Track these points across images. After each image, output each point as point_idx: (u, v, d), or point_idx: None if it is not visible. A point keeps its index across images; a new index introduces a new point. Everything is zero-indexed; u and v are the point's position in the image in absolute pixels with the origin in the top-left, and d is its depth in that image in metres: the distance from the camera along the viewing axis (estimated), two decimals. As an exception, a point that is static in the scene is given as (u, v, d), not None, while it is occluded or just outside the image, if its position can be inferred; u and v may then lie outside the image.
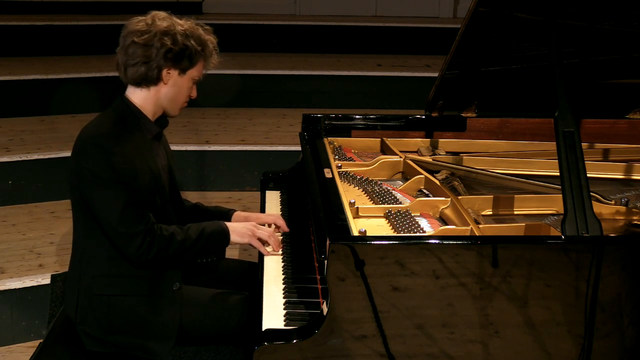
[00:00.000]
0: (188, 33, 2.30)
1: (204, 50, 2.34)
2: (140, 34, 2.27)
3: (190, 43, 2.29)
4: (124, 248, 2.24)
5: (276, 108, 5.24)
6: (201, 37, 2.34)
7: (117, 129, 2.27)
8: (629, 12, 2.67)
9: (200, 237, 2.34)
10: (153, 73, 2.29)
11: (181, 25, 2.31)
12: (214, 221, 2.44)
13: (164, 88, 2.33)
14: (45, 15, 5.84)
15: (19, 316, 3.26)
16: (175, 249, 2.28)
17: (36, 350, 2.30)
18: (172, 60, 2.29)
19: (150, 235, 2.24)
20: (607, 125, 3.08)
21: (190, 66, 2.33)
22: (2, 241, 3.59)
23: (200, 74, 2.39)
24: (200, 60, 2.35)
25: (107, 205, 2.22)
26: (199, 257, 2.46)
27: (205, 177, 4.44)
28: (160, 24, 2.29)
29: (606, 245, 1.93)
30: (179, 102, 2.38)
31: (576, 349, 1.96)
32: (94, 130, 2.28)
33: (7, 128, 4.60)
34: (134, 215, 2.22)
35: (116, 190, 2.21)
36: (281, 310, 2.12)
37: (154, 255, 2.25)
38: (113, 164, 2.20)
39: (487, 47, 2.84)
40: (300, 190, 2.89)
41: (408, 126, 3.09)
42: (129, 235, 2.22)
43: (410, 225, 2.21)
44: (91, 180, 2.21)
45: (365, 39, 6.02)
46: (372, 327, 1.91)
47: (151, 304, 2.30)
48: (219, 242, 2.40)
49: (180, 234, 2.31)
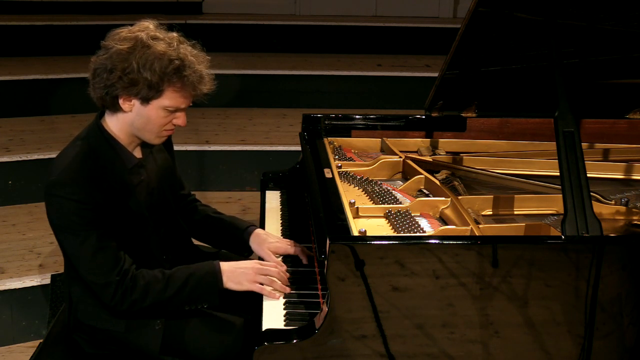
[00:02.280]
0: (148, 59, 2.01)
1: (169, 75, 2.03)
2: (101, 51, 2.08)
3: (149, 71, 2.01)
4: (99, 296, 2.11)
5: (276, 108, 5.24)
6: (166, 62, 2.02)
7: (87, 166, 2.08)
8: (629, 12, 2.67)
9: (185, 284, 2.14)
10: (108, 100, 2.08)
11: (144, 44, 2.03)
12: (208, 263, 2.20)
13: (130, 116, 2.10)
14: (45, 15, 5.84)
15: (19, 316, 3.26)
16: (153, 299, 2.11)
17: (36, 350, 2.30)
18: (125, 89, 2.04)
19: (123, 286, 2.08)
20: (607, 125, 3.08)
21: (155, 95, 2.05)
22: (2, 241, 3.59)
23: (176, 105, 2.09)
24: (169, 89, 2.06)
25: (77, 252, 2.07)
26: (187, 305, 2.17)
27: (205, 177, 4.44)
28: (120, 46, 2.03)
29: (606, 245, 1.93)
30: (152, 131, 2.12)
31: (576, 349, 1.96)
32: (57, 174, 2.06)
33: (7, 128, 4.60)
34: (104, 263, 2.06)
35: (85, 237, 2.04)
36: (281, 310, 2.12)
37: (128, 306, 2.10)
38: (77, 212, 2.03)
39: (487, 47, 2.83)
40: (300, 190, 2.89)
41: (408, 126, 3.08)
42: (101, 285, 2.08)
43: (410, 225, 2.21)
44: (58, 227, 2.09)
45: (365, 39, 6.02)
46: (372, 327, 1.90)
47: (132, 337, 2.20)
48: (210, 290, 2.16)
49: (160, 282, 2.12)
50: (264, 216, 2.84)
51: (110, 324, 2.20)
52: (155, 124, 2.12)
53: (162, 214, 2.31)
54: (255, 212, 3.85)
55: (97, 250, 2.06)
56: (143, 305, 2.12)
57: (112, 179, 2.12)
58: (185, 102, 2.13)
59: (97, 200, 2.05)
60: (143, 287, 2.11)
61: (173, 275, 2.16)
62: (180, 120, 2.15)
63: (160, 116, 2.10)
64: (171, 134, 2.22)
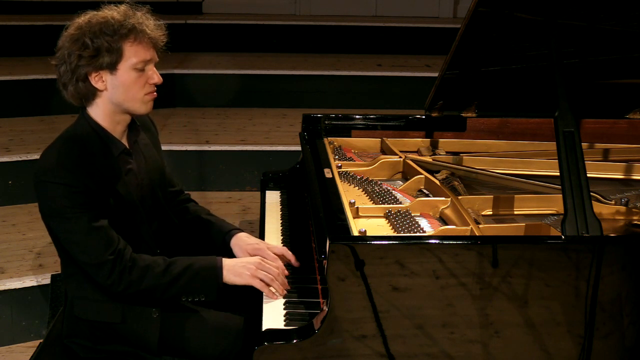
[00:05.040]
0: (96, 29, 2.09)
1: (122, 33, 2.09)
2: (56, 54, 2.15)
3: (100, 38, 2.08)
4: (95, 278, 2.13)
5: (276, 108, 5.24)
6: (110, 22, 2.09)
7: (74, 153, 2.11)
8: (629, 12, 2.67)
9: (184, 273, 2.15)
10: (81, 87, 2.13)
11: (88, 21, 2.12)
12: (209, 257, 2.22)
13: (107, 93, 2.14)
14: (45, 15, 5.83)
15: (19, 316, 3.26)
16: (150, 283, 2.12)
17: (36, 350, 2.30)
18: (89, 65, 2.10)
19: (120, 265, 2.09)
20: (607, 125, 3.08)
21: (118, 58, 2.10)
22: (2, 241, 3.59)
23: (142, 57, 2.13)
24: (127, 45, 2.11)
25: (70, 236, 2.09)
26: (184, 296, 2.17)
27: (205, 177, 4.44)
28: (67, 33, 2.13)
29: (606, 245, 1.93)
30: (135, 98, 2.15)
31: (576, 349, 1.96)
32: (44, 163, 2.11)
33: (7, 128, 4.60)
34: (98, 244, 2.08)
35: (76, 220, 2.06)
36: (281, 310, 2.12)
37: (124, 287, 2.11)
38: (67, 196, 2.05)
39: (487, 47, 2.84)
40: (300, 190, 2.89)
41: (408, 126, 3.09)
42: (96, 265, 2.09)
43: (410, 225, 2.21)
44: (49, 215, 2.11)
45: (365, 39, 6.02)
46: (372, 327, 1.91)
47: (129, 329, 2.21)
48: (209, 282, 2.17)
49: (160, 266, 2.14)
50: (264, 216, 2.84)
51: (107, 316, 2.20)
52: (133, 88, 2.14)
53: (152, 208, 2.32)
54: (255, 212, 3.86)
55: (90, 231, 2.07)
56: (140, 288, 2.12)
57: (100, 165, 2.14)
58: (147, 53, 2.15)
59: (86, 184, 2.08)
60: (142, 268, 2.12)
61: (173, 262, 2.17)
62: (155, 77, 2.18)
63: (133, 78, 2.13)
64: (154, 97, 2.22)
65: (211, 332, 2.24)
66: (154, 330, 2.21)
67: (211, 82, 5.24)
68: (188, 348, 2.24)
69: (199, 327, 2.25)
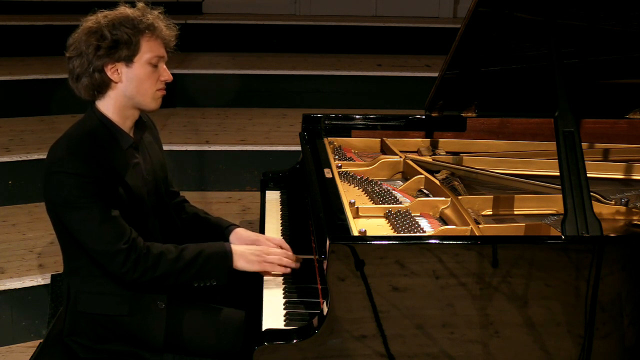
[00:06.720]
0: (115, 22, 2.15)
1: (140, 28, 2.17)
2: (70, 47, 2.19)
3: (120, 30, 2.14)
4: (108, 267, 2.15)
5: (276, 108, 5.24)
6: (130, 17, 2.17)
7: (85, 145, 2.15)
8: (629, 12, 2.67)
9: (197, 258, 2.21)
10: (97, 78, 2.17)
11: (105, 16, 2.18)
12: (218, 242, 2.30)
13: (121, 86, 2.19)
14: (45, 15, 5.84)
15: (19, 316, 3.26)
16: (164, 269, 2.17)
17: (36, 350, 2.30)
18: (107, 56, 2.15)
19: (135, 253, 2.13)
20: (607, 125, 3.08)
21: (135, 51, 2.17)
22: (2, 241, 3.59)
23: (156, 53, 2.21)
24: (144, 40, 2.18)
25: (83, 226, 2.11)
26: (196, 281, 2.23)
27: (205, 177, 4.44)
28: (85, 25, 2.19)
29: (606, 245, 1.93)
30: (147, 93, 2.21)
31: (576, 349, 1.96)
32: (54, 155, 2.15)
33: (7, 128, 4.60)
34: (112, 233, 2.11)
35: (89, 210, 2.10)
36: (281, 310, 2.12)
37: (140, 274, 2.14)
38: (79, 186, 2.08)
39: (487, 47, 2.84)
40: (300, 190, 2.89)
41: (408, 126, 3.09)
42: (111, 254, 2.12)
43: (410, 225, 2.21)
44: (62, 205, 2.13)
45: (365, 39, 6.02)
46: (372, 327, 1.90)
47: (135, 322, 2.23)
48: (220, 267, 2.24)
49: (172, 253, 2.19)
50: (264, 216, 2.84)
51: (113, 308, 2.22)
52: (146, 83, 2.20)
53: (156, 204, 2.35)
54: (255, 212, 3.85)
55: (103, 220, 2.11)
56: (155, 275, 2.16)
57: (110, 157, 2.17)
58: (161, 50, 2.23)
59: (97, 175, 2.11)
60: (156, 255, 2.16)
61: (185, 248, 2.23)
62: (166, 75, 2.25)
63: (147, 72, 2.20)
64: (164, 94, 2.27)
65: (212, 328, 2.26)
66: (160, 323, 2.23)
67: (211, 82, 5.25)
68: (191, 342, 2.26)
69: (200, 323, 2.27)
